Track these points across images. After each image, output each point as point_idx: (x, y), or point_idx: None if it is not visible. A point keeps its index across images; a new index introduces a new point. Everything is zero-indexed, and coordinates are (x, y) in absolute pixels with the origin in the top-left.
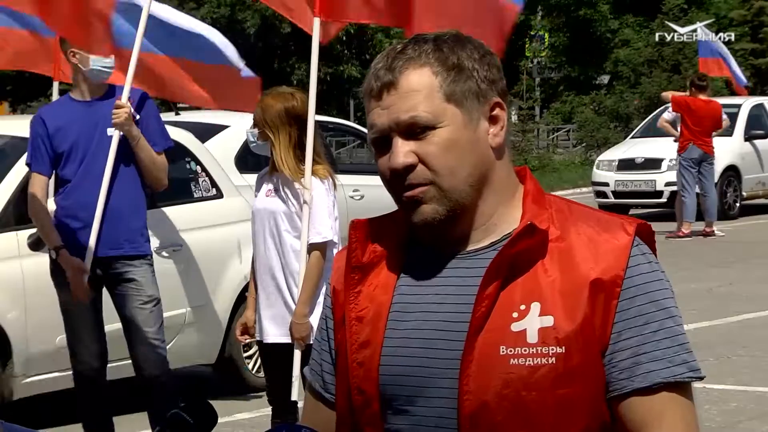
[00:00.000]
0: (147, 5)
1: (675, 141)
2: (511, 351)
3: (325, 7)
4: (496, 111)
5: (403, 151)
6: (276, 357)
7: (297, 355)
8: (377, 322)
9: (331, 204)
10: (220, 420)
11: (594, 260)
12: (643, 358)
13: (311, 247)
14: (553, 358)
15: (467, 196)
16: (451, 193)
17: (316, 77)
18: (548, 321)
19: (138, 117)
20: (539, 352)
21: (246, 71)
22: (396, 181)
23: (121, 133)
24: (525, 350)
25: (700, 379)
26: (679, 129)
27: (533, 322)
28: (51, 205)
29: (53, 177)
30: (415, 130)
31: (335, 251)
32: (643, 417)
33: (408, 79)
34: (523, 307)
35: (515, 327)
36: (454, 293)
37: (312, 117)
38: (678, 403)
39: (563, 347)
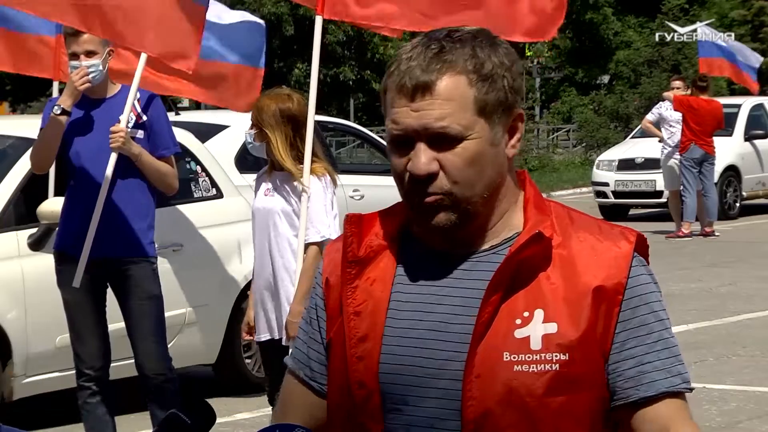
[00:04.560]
0: None
1: (659, 141)
2: (515, 357)
3: (328, 6)
4: (517, 122)
5: (427, 158)
6: (277, 355)
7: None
8: (376, 317)
9: (329, 201)
10: (220, 420)
11: (596, 267)
12: (648, 367)
13: (309, 245)
14: (557, 365)
15: (480, 207)
16: (466, 203)
17: (317, 75)
18: (552, 328)
19: (145, 119)
20: (543, 358)
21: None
22: (413, 186)
23: None
24: (529, 357)
25: (691, 390)
26: (662, 129)
27: (537, 329)
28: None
29: (56, 177)
30: (442, 140)
31: None
32: (651, 426)
33: (445, 85)
34: (526, 314)
35: (519, 334)
36: (452, 294)
37: (312, 115)
38: (680, 410)
39: (567, 354)
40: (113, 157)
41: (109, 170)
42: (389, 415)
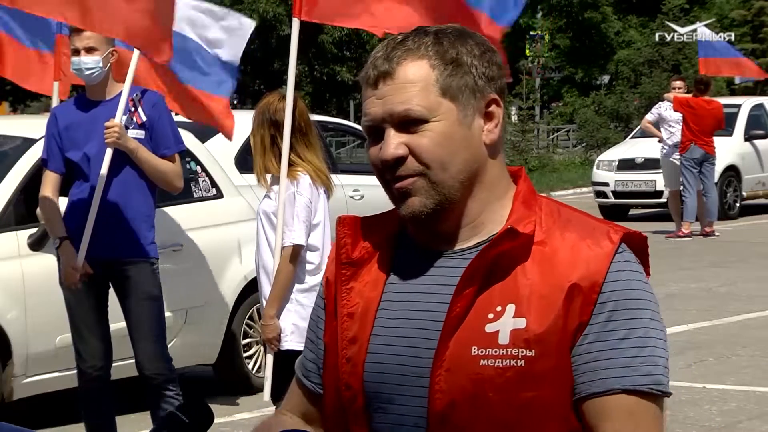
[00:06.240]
0: None
1: (659, 142)
2: (482, 352)
3: (306, 8)
4: (492, 107)
5: (394, 143)
6: (276, 356)
7: (269, 357)
8: (365, 319)
9: (302, 206)
10: (220, 420)
11: (574, 265)
12: (605, 363)
13: (283, 248)
14: (522, 361)
15: (456, 192)
16: (441, 186)
17: (294, 77)
18: (521, 323)
19: (145, 119)
20: (509, 353)
21: (223, 89)
22: (386, 171)
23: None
24: (495, 351)
25: (664, 394)
26: (661, 129)
27: (507, 324)
28: (62, 204)
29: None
30: (408, 123)
31: (310, 255)
32: (596, 420)
33: (405, 70)
34: (499, 308)
35: (489, 328)
36: (437, 292)
37: (289, 117)
38: (635, 411)
39: (533, 350)
40: (107, 157)
41: (104, 170)
42: (378, 415)
